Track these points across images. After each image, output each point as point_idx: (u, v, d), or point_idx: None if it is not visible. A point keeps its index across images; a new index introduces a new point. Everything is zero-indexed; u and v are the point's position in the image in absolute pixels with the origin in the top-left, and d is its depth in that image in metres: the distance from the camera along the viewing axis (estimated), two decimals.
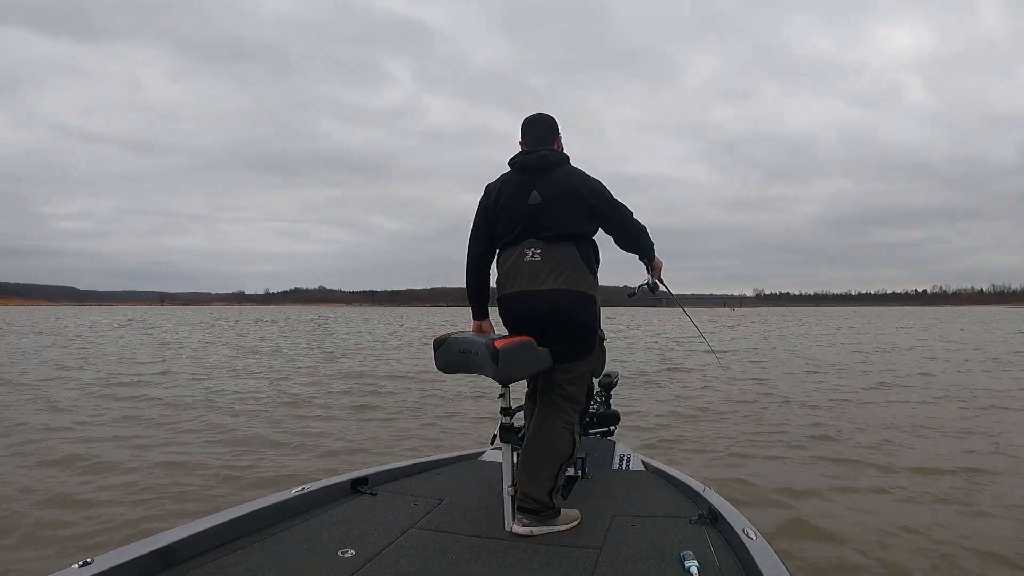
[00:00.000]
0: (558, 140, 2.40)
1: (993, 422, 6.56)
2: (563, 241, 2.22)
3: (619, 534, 2.08)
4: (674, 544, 1.97)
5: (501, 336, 2.14)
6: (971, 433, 5.99)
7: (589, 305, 2.25)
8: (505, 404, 2.21)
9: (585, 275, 2.24)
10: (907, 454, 5.17)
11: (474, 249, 2.39)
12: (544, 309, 2.20)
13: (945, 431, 6.09)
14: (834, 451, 5.25)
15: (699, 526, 2.12)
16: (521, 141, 2.40)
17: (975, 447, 5.41)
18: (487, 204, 2.34)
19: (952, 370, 11.84)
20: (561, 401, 2.27)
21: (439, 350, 2.20)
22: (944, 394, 8.58)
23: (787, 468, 4.76)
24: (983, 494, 4.06)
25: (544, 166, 2.27)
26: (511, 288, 2.26)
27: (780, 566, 1.76)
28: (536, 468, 2.16)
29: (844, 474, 4.58)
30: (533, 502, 2.11)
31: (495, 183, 2.36)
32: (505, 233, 2.29)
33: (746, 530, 1.95)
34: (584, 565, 1.84)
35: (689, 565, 1.78)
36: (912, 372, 11.41)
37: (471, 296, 2.42)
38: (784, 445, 5.51)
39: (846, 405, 7.63)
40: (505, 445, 2.19)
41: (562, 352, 2.23)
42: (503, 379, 2.06)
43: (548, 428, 2.24)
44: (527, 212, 2.24)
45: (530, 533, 2.08)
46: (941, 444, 5.55)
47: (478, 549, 1.96)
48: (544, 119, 2.39)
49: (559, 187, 2.23)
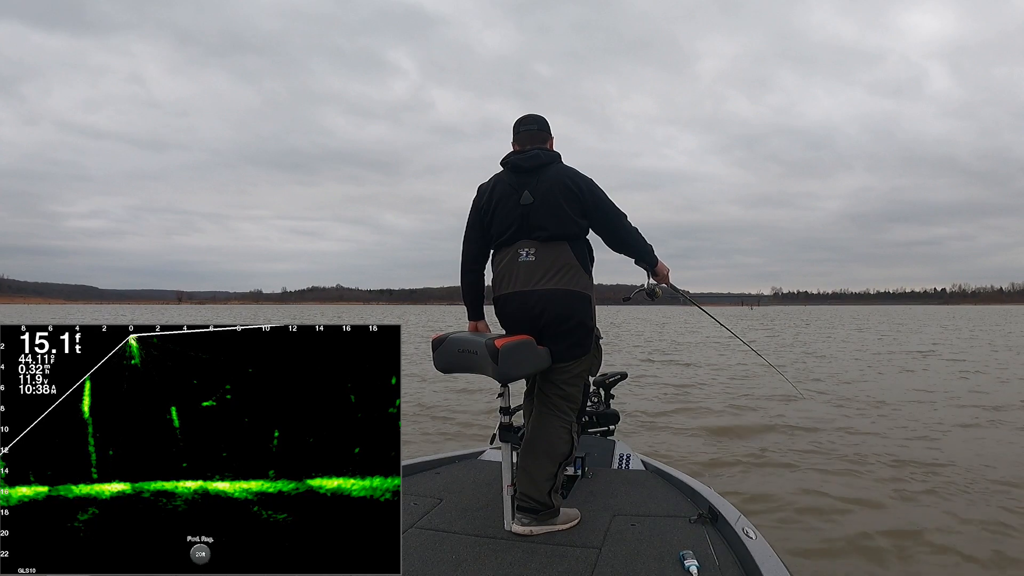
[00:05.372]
0: (550, 140, 2.40)
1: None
2: (557, 241, 2.22)
3: (619, 533, 2.08)
4: (674, 543, 1.97)
5: (500, 335, 2.14)
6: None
7: (585, 304, 2.24)
8: (504, 403, 2.21)
9: (580, 274, 2.24)
10: (913, 454, 5.11)
11: (468, 250, 2.40)
12: (539, 309, 2.20)
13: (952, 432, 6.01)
14: (835, 452, 5.21)
15: (699, 525, 2.11)
16: (513, 141, 2.40)
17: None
18: (480, 205, 2.35)
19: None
20: (558, 400, 2.26)
21: (438, 350, 2.21)
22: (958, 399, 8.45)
23: (787, 468, 4.73)
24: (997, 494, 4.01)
25: (536, 166, 2.27)
26: (506, 288, 2.27)
27: (780, 566, 1.76)
28: (535, 468, 2.17)
29: (844, 475, 4.53)
30: (532, 501, 2.11)
31: (487, 183, 2.37)
32: (499, 234, 2.29)
33: (746, 529, 1.94)
34: (584, 564, 1.84)
35: (689, 564, 1.78)
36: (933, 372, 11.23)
37: (466, 297, 2.43)
38: (784, 445, 5.47)
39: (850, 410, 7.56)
40: (504, 444, 2.19)
41: (559, 352, 2.22)
42: (503, 378, 2.06)
43: (546, 428, 2.24)
44: (520, 212, 2.24)
45: (530, 532, 2.08)
46: (947, 444, 5.49)
47: (478, 549, 1.96)
48: (535, 118, 2.39)
49: (551, 187, 2.23)
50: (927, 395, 8.29)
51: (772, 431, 6.04)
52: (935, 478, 4.40)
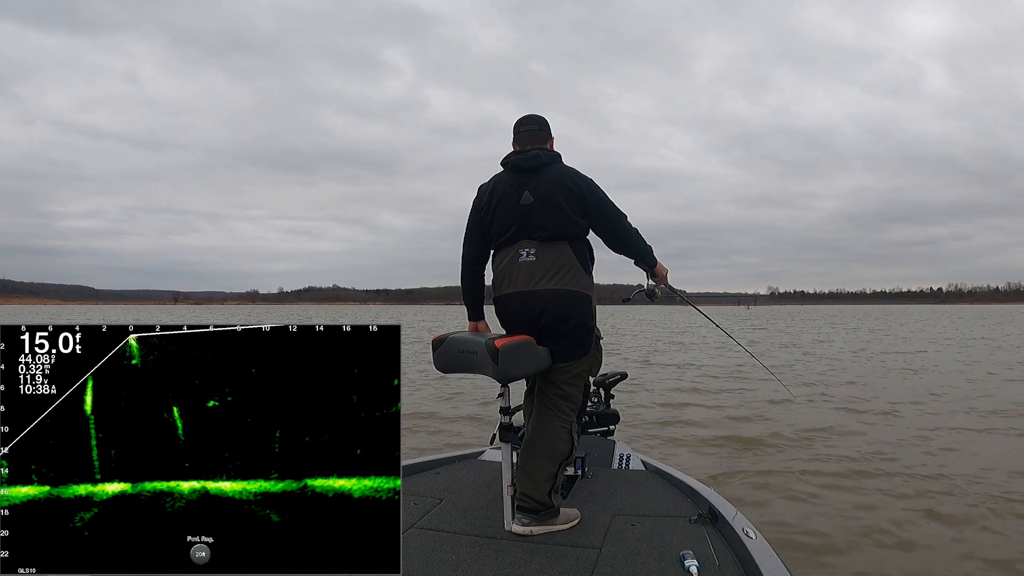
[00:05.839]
0: (551, 140, 2.40)
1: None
2: (557, 241, 2.22)
3: (619, 533, 2.08)
4: (674, 543, 1.97)
5: (500, 335, 2.14)
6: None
7: (585, 305, 2.24)
8: (504, 403, 2.21)
9: (580, 275, 2.24)
10: (912, 453, 5.12)
11: (468, 251, 2.40)
12: (540, 309, 2.20)
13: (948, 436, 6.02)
14: (836, 453, 5.22)
15: (699, 525, 2.11)
16: (514, 141, 2.40)
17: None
18: (480, 205, 2.35)
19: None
20: (558, 401, 2.26)
21: (438, 350, 2.21)
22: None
23: (788, 468, 4.74)
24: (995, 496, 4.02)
25: (536, 166, 2.27)
26: (507, 289, 2.27)
27: (780, 566, 1.76)
28: (535, 468, 2.16)
29: (844, 475, 4.54)
30: (532, 501, 2.11)
31: (488, 184, 2.37)
32: (499, 234, 2.29)
33: (746, 529, 1.95)
34: (584, 565, 1.84)
35: (689, 564, 1.78)
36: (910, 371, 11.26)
37: (466, 297, 2.43)
38: (784, 446, 5.47)
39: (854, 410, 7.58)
40: (504, 444, 2.19)
41: (559, 352, 2.22)
42: (503, 378, 2.06)
43: (546, 428, 2.23)
44: (520, 213, 2.24)
45: (530, 533, 2.08)
46: (946, 444, 5.50)
47: (478, 549, 1.96)
48: (536, 119, 2.40)
49: (551, 187, 2.23)
50: (925, 395, 8.32)
51: (772, 431, 6.05)
52: (935, 478, 4.41)
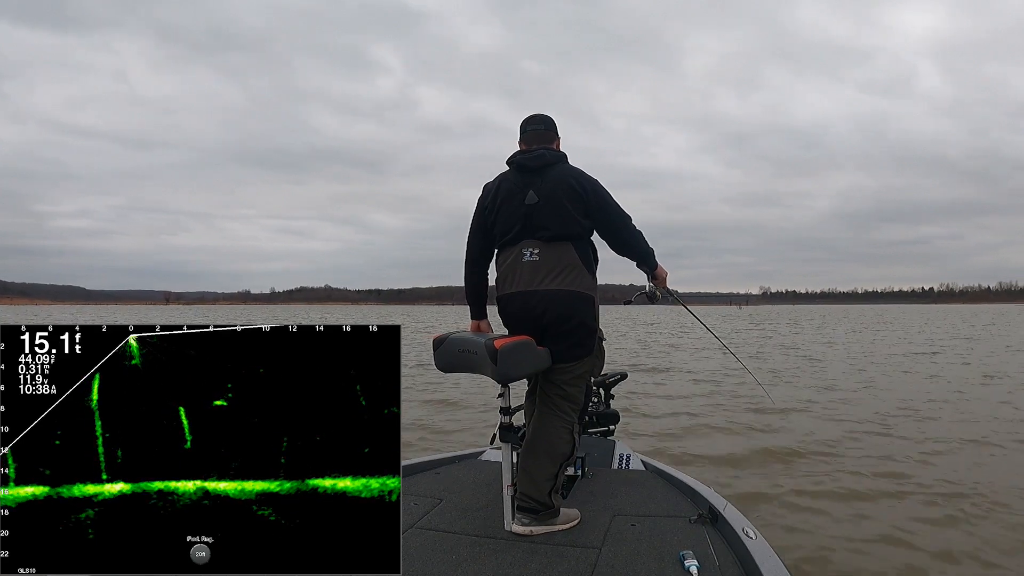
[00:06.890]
0: (557, 140, 2.40)
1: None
2: (561, 241, 2.22)
3: (619, 534, 2.08)
4: (674, 544, 1.97)
5: (500, 336, 2.14)
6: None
7: (588, 305, 2.24)
8: (504, 403, 2.21)
9: (583, 275, 2.24)
10: (909, 453, 5.14)
11: (472, 249, 2.40)
12: (542, 309, 2.20)
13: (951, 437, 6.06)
14: (837, 453, 5.23)
15: (699, 525, 2.11)
16: (520, 140, 2.40)
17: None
18: (485, 204, 2.35)
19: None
20: (560, 401, 2.26)
21: (438, 350, 2.21)
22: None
23: (787, 469, 4.75)
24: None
25: (541, 165, 2.27)
26: (510, 288, 2.26)
27: (780, 566, 1.76)
28: (535, 468, 2.16)
29: (844, 476, 4.55)
30: (532, 502, 2.11)
31: (493, 182, 2.36)
32: (503, 233, 2.29)
33: (746, 529, 1.95)
34: (584, 565, 1.84)
35: (689, 565, 1.78)
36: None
37: (469, 296, 2.43)
38: (784, 445, 5.49)
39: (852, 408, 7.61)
40: (505, 444, 2.19)
41: (561, 352, 2.22)
42: (502, 378, 2.06)
43: (547, 428, 2.23)
44: (524, 212, 2.24)
45: (530, 533, 2.08)
46: (945, 444, 5.52)
47: (478, 549, 1.96)
48: (542, 118, 2.39)
49: (556, 187, 2.23)
50: (923, 396, 8.35)
51: (772, 431, 6.07)
52: (936, 479, 4.42)
